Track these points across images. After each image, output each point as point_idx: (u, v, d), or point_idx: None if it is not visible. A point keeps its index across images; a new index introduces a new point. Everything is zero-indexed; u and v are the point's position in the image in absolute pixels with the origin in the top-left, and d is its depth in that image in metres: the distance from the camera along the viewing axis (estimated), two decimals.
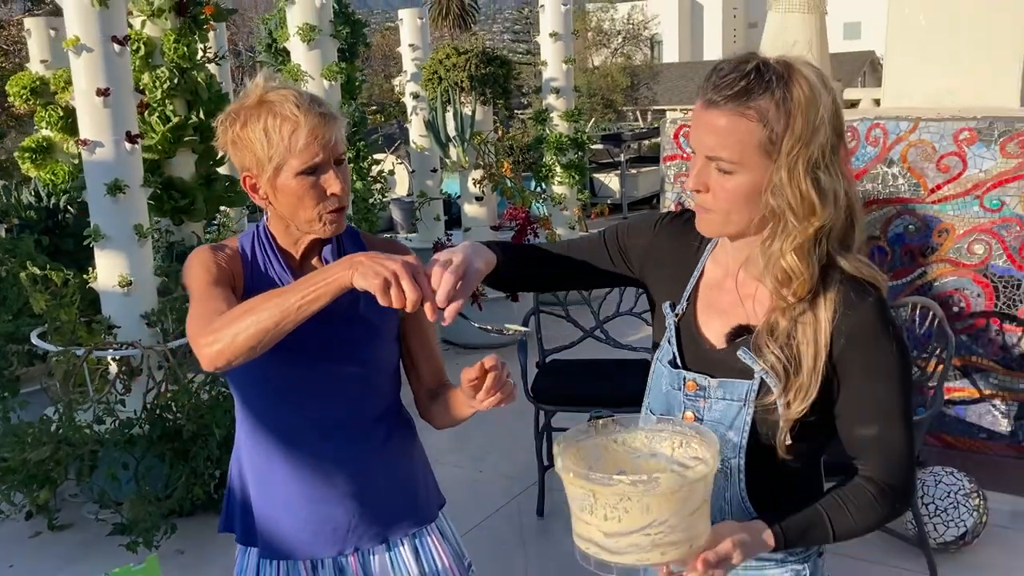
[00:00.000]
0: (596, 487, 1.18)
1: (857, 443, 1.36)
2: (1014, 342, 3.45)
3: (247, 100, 1.58)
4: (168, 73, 5.16)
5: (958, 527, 3.19)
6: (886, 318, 1.31)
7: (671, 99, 24.57)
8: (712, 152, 1.27)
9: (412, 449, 1.83)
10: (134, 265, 3.93)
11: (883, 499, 1.34)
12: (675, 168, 4.03)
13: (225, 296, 1.54)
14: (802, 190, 1.24)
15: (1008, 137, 3.32)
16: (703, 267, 1.44)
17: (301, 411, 1.67)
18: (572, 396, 3.76)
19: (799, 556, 1.43)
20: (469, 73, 5.54)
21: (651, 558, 1.20)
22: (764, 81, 1.23)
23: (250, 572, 1.78)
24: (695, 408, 1.40)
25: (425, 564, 1.79)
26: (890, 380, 1.32)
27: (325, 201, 1.58)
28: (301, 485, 1.70)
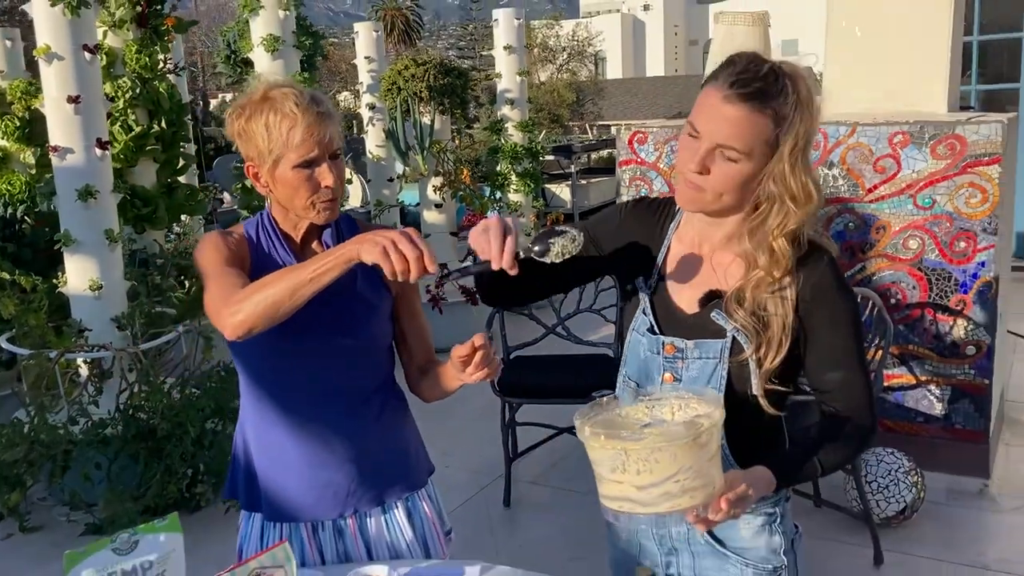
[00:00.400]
0: (628, 444, 1.30)
1: (826, 387, 1.53)
2: (947, 331, 3.70)
3: (253, 95, 1.72)
4: (130, 83, 5.22)
5: (899, 503, 3.42)
6: (839, 274, 1.50)
7: (615, 114, 24.98)
8: (725, 142, 1.40)
9: (405, 420, 1.97)
10: (104, 269, 4.00)
11: (855, 433, 1.52)
12: (630, 172, 4.23)
13: (238, 273, 1.67)
14: (803, 180, 1.42)
15: (937, 140, 3.57)
16: (669, 244, 1.60)
17: (304, 382, 1.80)
18: (536, 389, 3.91)
19: (771, 501, 1.58)
20: (428, 84, 5.70)
21: (682, 503, 1.32)
22: (779, 85, 1.39)
23: (254, 536, 1.90)
24: (673, 369, 1.53)
25: (416, 526, 1.93)
26: (848, 329, 1.50)
27: (319, 192, 1.72)
28: (304, 451, 1.82)
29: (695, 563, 1.62)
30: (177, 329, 4.24)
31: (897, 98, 3.99)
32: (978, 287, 3.60)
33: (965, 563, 3.27)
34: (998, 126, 3.47)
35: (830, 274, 1.49)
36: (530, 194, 7.22)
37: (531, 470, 4.21)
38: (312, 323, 1.76)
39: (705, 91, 1.44)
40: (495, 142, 7.12)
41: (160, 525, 1.56)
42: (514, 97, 7.16)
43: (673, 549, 1.64)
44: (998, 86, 7.94)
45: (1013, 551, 3.32)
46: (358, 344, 1.81)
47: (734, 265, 1.52)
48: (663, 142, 4.12)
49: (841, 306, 1.50)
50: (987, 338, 3.63)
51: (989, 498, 3.71)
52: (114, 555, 1.50)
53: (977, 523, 3.55)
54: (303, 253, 1.81)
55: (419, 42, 30.69)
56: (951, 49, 3.98)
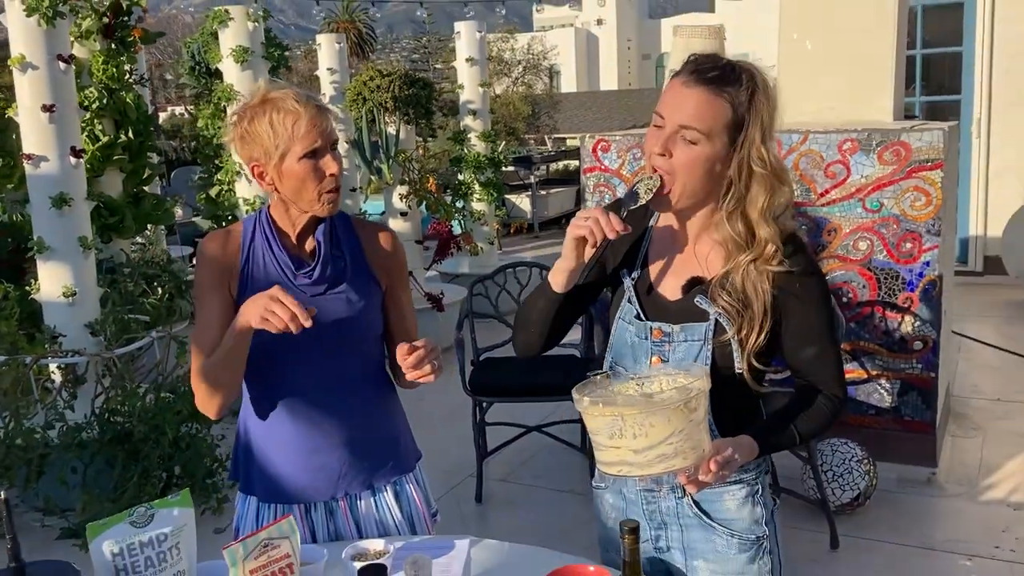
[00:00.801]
0: (624, 409, 1.41)
1: (802, 363, 1.64)
2: (895, 327, 3.90)
3: (252, 101, 1.85)
4: (97, 93, 5.26)
5: (853, 490, 3.60)
6: (810, 256, 1.63)
7: (570, 127, 25.19)
8: (685, 122, 1.51)
9: (394, 407, 2.09)
10: (78, 276, 4.05)
11: (828, 404, 1.63)
12: (595, 179, 4.39)
13: (213, 308, 1.87)
14: (778, 160, 1.57)
15: (884, 146, 3.78)
16: (650, 237, 1.71)
17: (300, 370, 1.91)
18: (505, 388, 4.04)
19: (752, 474, 1.68)
20: (393, 94, 5.81)
21: (675, 464, 1.41)
22: (736, 74, 1.53)
23: (250, 517, 2.00)
24: (661, 352, 1.63)
25: (404, 507, 2.04)
26: (820, 307, 1.63)
27: (324, 181, 1.84)
28: (298, 436, 1.93)
29: (683, 535, 1.70)
30: (151, 335, 4.30)
31: (846, 107, 4.20)
32: (924, 285, 3.80)
33: (915, 545, 3.46)
34: (940, 133, 3.69)
35: (802, 255, 1.60)
36: (493, 203, 7.36)
37: (500, 469, 4.33)
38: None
39: (669, 83, 1.59)
40: (458, 152, 7.26)
41: (173, 500, 1.66)
42: (476, 108, 7.31)
43: (663, 523, 1.72)
44: (940, 98, 8.28)
45: (958, 533, 3.52)
46: (351, 334, 1.91)
47: (713, 252, 1.62)
48: (626, 150, 4.29)
49: (813, 286, 1.61)
50: (933, 334, 3.84)
51: (936, 485, 3.91)
52: (132, 528, 1.59)
53: (925, 508, 3.75)
54: (298, 249, 1.92)
55: (372, 55, 30.71)
56: (896, 62, 4.21)
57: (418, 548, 1.88)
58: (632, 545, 1.39)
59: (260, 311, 1.66)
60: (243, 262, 1.91)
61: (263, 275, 1.90)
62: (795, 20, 4.33)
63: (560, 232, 12.56)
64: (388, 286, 2.01)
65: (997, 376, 5.33)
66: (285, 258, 1.90)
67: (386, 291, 2.01)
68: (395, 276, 2.02)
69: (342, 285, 1.92)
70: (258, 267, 1.91)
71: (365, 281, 1.96)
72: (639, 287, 1.69)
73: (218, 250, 1.91)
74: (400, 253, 2.04)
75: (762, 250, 1.56)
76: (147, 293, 4.67)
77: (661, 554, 1.73)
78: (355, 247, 1.96)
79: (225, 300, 1.88)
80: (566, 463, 4.36)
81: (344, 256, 1.93)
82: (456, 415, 5.00)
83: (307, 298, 1.88)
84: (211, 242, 1.94)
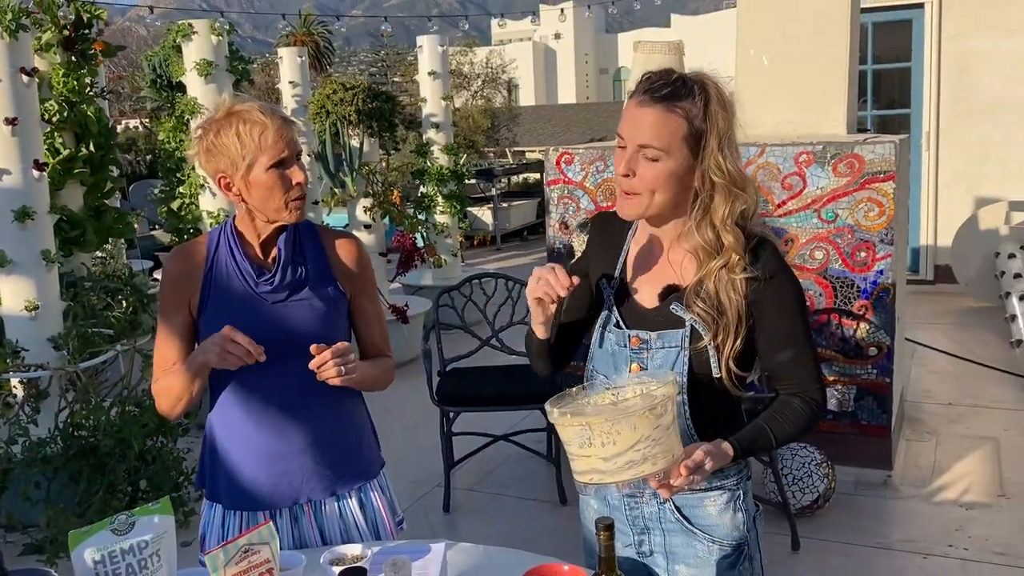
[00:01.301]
0: (591, 419, 1.44)
1: (778, 367, 1.66)
2: (851, 334, 4.02)
3: (216, 115, 1.90)
4: (57, 106, 5.22)
5: (812, 493, 3.70)
6: (782, 260, 1.65)
7: (530, 141, 25.34)
8: (644, 141, 1.56)
9: (359, 413, 2.12)
10: (41, 290, 4.02)
11: (806, 408, 1.64)
12: (558, 191, 4.46)
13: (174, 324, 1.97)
14: (735, 167, 1.59)
15: (839, 159, 3.90)
16: (628, 249, 1.75)
17: (264, 378, 1.93)
18: (472, 398, 4.08)
19: (734, 480, 1.70)
20: (356, 107, 5.84)
21: (644, 469, 1.44)
22: (687, 88, 1.57)
23: (216, 523, 2.02)
24: (639, 359, 1.65)
25: (368, 515, 2.07)
26: (794, 311, 1.64)
27: (291, 190, 1.89)
28: (262, 443, 1.97)
29: (666, 540, 1.72)
30: (115, 348, 4.27)
31: (802, 121, 4.32)
32: (877, 293, 3.92)
33: (873, 545, 3.56)
34: (891, 146, 3.82)
35: (775, 261, 1.62)
36: (456, 215, 7.41)
37: (467, 478, 4.37)
38: (274, 320, 1.92)
39: (626, 104, 1.64)
40: (421, 165, 7.30)
41: (154, 508, 1.69)
42: (439, 121, 7.36)
43: (645, 528, 1.74)
44: (891, 112, 8.51)
45: (914, 533, 3.63)
46: (314, 341, 1.90)
47: (687, 260, 1.66)
48: (589, 162, 4.37)
49: (787, 290, 1.63)
50: (887, 339, 3.96)
51: (892, 487, 4.03)
52: (113, 535, 1.62)
53: (882, 510, 3.85)
54: (261, 258, 1.96)
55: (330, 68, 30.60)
56: (849, 77, 4.34)
57: (394, 552, 1.92)
58: (607, 541, 1.43)
59: (218, 351, 1.79)
60: (207, 271, 1.95)
61: (225, 283, 1.94)
62: (752, 37, 4.45)
63: (522, 244, 12.66)
64: (353, 294, 2.04)
65: (949, 381, 5.49)
66: (247, 266, 1.94)
67: (351, 299, 2.04)
68: (359, 284, 2.05)
69: (304, 291, 1.95)
70: (221, 276, 1.95)
71: (328, 288, 1.99)
72: (619, 296, 1.72)
73: (180, 266, 1.97)
74: (365, 261, 2.08)
75: (728, 257, 1.60)
76: (110, 307, 4.64)
77: (644, 558, 1.75)
78: (318, 254, 2.00)
79: (184, 318, 1.95)
80: (532, 472, 4.41)
81: (306, 263, 1.97)
82: (421, 425, 5.04)
83: (268, 305, 1.93)
84: (172, 260, 1.99)
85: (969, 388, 5.34)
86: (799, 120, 4.33)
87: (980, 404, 5.07)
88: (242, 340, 1.77)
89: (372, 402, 2.15)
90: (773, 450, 1.68)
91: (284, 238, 1.94)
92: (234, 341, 1.77)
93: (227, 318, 1.90)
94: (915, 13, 7.92)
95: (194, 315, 1.95)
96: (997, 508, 3.82)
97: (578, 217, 4.43)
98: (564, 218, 4.46)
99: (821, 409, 1.67)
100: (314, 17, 29.02)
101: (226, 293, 1.94)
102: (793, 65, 4.35)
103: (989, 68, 7.70)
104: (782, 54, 4.38)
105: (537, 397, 3.92)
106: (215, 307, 1.93)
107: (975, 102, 7.78)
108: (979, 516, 3.75)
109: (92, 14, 5.32)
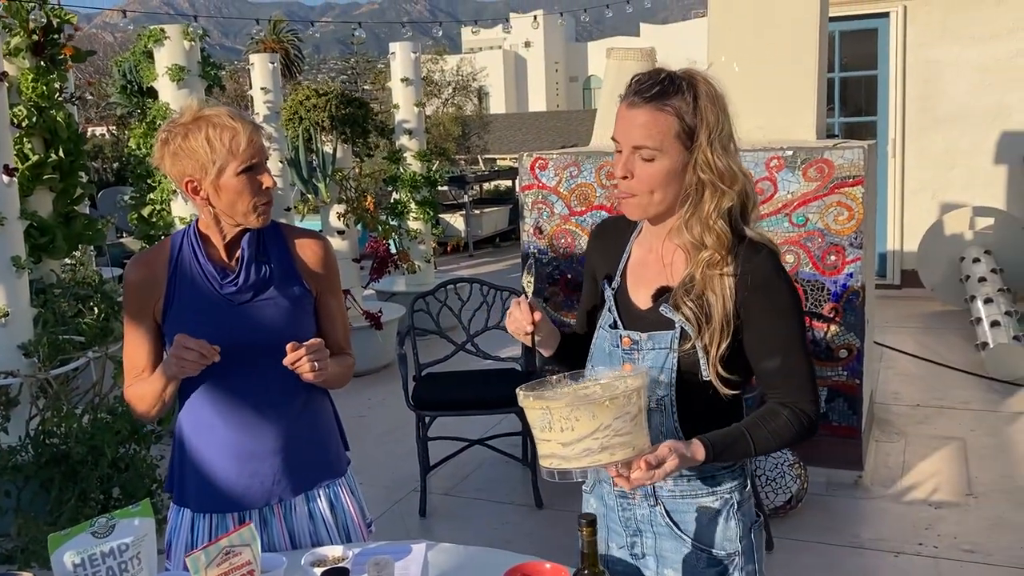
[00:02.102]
0: (550, 403, 1.45)
1: (766, 375, 1.62)
2: (822, 336, 4.08)
3: (182, 118, 1.89)
4: (26, 111, 5.17)
5: (785, 493, 3.74)
6: (778, 267, 1.60)
7: (500, 148, 25.43)
8: (638, 142, 1.57)
9: (327, 411, 2.12)
10: (11, 296, 3.96)
11: (795, 419, 1.59)
12: (532, 196, 4.48)
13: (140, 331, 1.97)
14: (724, 163, 1.57)
15: (808, 164, 3.96)
16: (630, 251, 1.75)
17: (231, 378, 1.93)
18: (448, 402, 4.09)
19: (728, 486, 1.67)
20: (330, 113, 5.83)
21: (601, 459, 1.43)
22: (676, 85, 1.57)
23: (184, 528, 2.01)
24: (631, 360, 1.65)
25: (339, 517, 2.08)
26: (786, 317, 1.60)
27: (260, 194, 1.90)
28: (231, 443, 1.96)
29: (656, 544, 1.70)
30: (86, 355, 4.23)
31: (773, 127, 4.38)
32: (847, 296, 3.98)
33: (844, 544, 3.61)
34: (860, 151, 3.88)
35: (767, 265, 1.59)
36: (429, 222, 7.41)
37: (443, 482, 4.37)
38: (240, 321, 1.93)
39: (618, 108, 1.65)
40: (394, 171, 7.30)
41: (134, 511, 1.69)
42: (412, 127, 7.36)
43: (637, 530, 1.72)
44: (857, 119, 8.64)
45: (885, 532, 3.69)
46: (281, 340, 1.90)
47: (677, 257, 1.65)
48: (563, 168, 4.40)
49: (779, 295, 1.59)
50: (857, 342, 4.02)
51: (863, 488, 4.09)
52: (93, 538, 1.62)
53: (853, 510, 3.91)
54: (224, 260, 1.96)
55: (299, 75, 30.53)
56: (819, 83, 4.41)
57: (375, 553, 1.92)
58: (589, 537, 1.44)
59: (175, 361, 1.82)
60: (170, 275, 1.95)
61: (189, 286, 1.94)
62: (722, 43, 4.51)
63: (494, 251, 12.68)
64: (318, 292, 2.05)
65: (916, 383, 5.58)
66: (210, 268, 1.94)
67: (316, 297, 2.05)
68: (324, 282, 2.06)
69: (269, 291, 1.96)
70: (184, 279, 1.95)
71: (293, 287, 1.99)
72: (618, 296, 1.73)
73: (141, 273, 1.96)
74: (330, 259, 2.08)
75: (710, 255, 1.58)
76: (81, 313, 4.59)
77: (636, 560, 1.74)
78: (283, 254, 2.01)
79: (150, 324, 1.96)
80: (508, 475, 4.42)
81: (270, 262, 1.97)
82: (396, 431, 5.04)
83: (234, 306, 1.93)
84: (133, 268, 1.99)
85: (936, 390, 5.43)
86: (769, 126, 4.37)
87: (947, 405, 5.16)
88: (193, 344, 1.80)
89: (346, 408, 2.16)
90: (752, 457, 1.65)
91: (248, 238, 1.95)
92: (186, 347, 1.79)
93: (192, 321, 1.91)
94: (880, 22, 8.05)
95: (158, 320, 1.95)
96: (965, 507, 3.89)
97: (552, 222, 4.45)
98: (538, 223, 4.48)
99: (812, 425, 1.61)
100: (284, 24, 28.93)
101: (190, 296, 1.94)
102: (763, 71, 4.40)
103: (954, 76, 7.85)
104: (752, 61, 4.43)
105: (512, 401, 3.93)
106: (179, 311, 1.93)
107: (940, 110, 7.92)
108: (948, 515, 3.82)
109: (63, 19, 5.27)
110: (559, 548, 2.06)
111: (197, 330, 1.83)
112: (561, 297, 4.48)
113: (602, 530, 1.78)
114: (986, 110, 7.80)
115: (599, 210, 4.35)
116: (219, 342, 1.86)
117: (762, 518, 1.75)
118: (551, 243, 4.48)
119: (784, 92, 4.39)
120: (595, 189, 4.37)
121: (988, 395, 5.31)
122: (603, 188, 4.34)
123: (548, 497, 4.06)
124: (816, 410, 1.62)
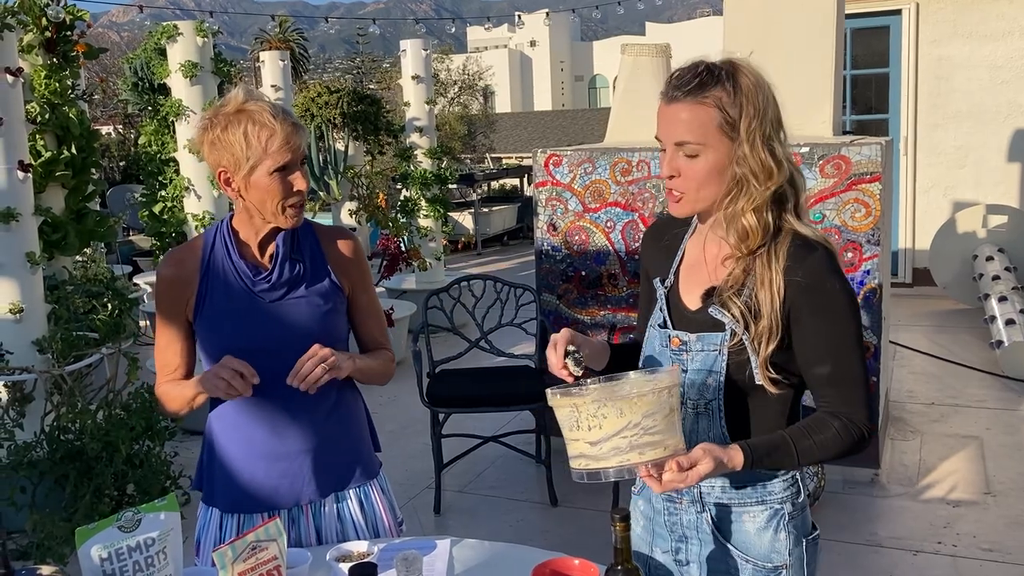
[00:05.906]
0: (576, 399, 1.41)
1: (816, 381, 1.54)
2: None
3: (226, 108, 1.86)
4: (39, 108, 5.17)
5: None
6: (832, 267, 1.52)
7: (506, 147, 25.41)
8: (680, 139, 1.52)
9: (359, 413, 2.10)
10: (25, 292, 3.96)
11: (845, 431, 1.50)
12: (546, 193, 4.47)
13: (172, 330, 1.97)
14: (762, 159, 1.51)
15: (825, 160, 3.94)
16: (683, 251, 1.70)
17: (262, 376, 1.87)
18: (462, 399, 4.07)
19: (780, 496, 1.58)
20: (342, 111, 5.83)
21: (631, 458, 1.39)
22: (715, 76, 1.51)
23: (212, 526, 2.00)
24: (680, 361, 1.59)
25: (368, 515, 2.05)
26: (838, 321, 1.51)
27: (291, 196, 1.87)
28: (262, 444, 1.95)
29: (702, 551, 1.63)
30: (101, 351, 4.22)
31: (789, 123, 4.34)
32: (865, 293, 3.96)
33: (862, 542, 3.59)
34: (877, 147, 3.86)
35: (820, 265, 1.52)
36: (439, 219, 7.40)
37: (457, 479, 4.36)
38: (272, 322, 1.91)
39: (658, 107, 1.59)
40: (404, 169, 7.29)
41: (160, 505, 1.67)
42: (423, 125, 7.35)
43: (683, 536, 1.66)
44: (869, 116, 8.60)
45: (903, 530, 3.66)
46: (314, 337, 1.90)
47: (721, 255, 1.60)
48: (577, 164, 4.38)
49: (832, 297, 1.51)
50: (874, 339, 3.99)
51: (879, 485, 4.07)
52: (120, 532, 1.60)
53: (870, 507, 3.89)
54: (257, 257, 1.94)
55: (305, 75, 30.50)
56: (835, 79, 4.39)
57: (400, 549, 1.91)
58: (623, 532, 1.42)
59: (212, 381, 1.80)
60: (202, 272, 1.93)
61: (221, 283, 1.92)
62: (739, 39, 4.48)
63: (503, 249, 12.67)
64: (351, 290, 2.02)
65: (931, 382, 5.55)
66: (243, 266, 1.92)
67: (349, 295, 2.03)
68: (356, 279, 2.03)
69: (301, 288, 1.94)
70: (216, 276, 1.93)
71: (326, 285, 1.97)
72: (670, 296, 1.67)
73: (173, 270, 1.95)
74: (361, 256, 2.06)
75: (746, 241, 1.53)
76: (94, 310, 4.59)
77: (680, 567, 1.68)
78: (316, 252, 1.98)
79: (182, 321, 1.94)
80: (522, 473, 4.41)
81: (304, 260, 1.95)
82: (408, 428, 5.03)
83: (266, 304, 1.91)
84: (165, 265, 1.97)
85: (951, 388, 5.40)
86: (787, 122, 4.34)
87: (962, 404, 5.13)
88: (238, 365, 1.80)
89: (369, 395, 2.14)
90: (796, 468, 1.57)
91: (283, 236, 1.92)
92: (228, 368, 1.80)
93: (224, 318, 1.89)
94: (892, 19, 8.02)
95: (190, 318, 1.94)
96: (984, 506, 3.86)
97: (566, 218, 4.43)
98: (552, 220, 4.47)
99: (863, 438, 1.52)
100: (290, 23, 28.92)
101: (223, 293, 1.92)
102: (780, 68, 4.36)
103: (966, 74, 7.82)
104: (768, 57, 4.38)
105: (526, 398, 3.93)
106: (212, 308, 1.92)
107: (952, 108, 7.89)
108: (966, 513, 3.79)
109: (75, 15, 5.27)
110: (575, 546, 2.03)
111: (228, 327, 1.82)
112: (575, 294, 4.47)
113: (648, 534, 1.73)
114: (998, 108, 7.76)
115: (613, 207, 4.33)
116: (250, 340, 1.86)
117: (818, 531, 1.65)
118: (565, 240, 4.46)
119: (801, 88, 4.36)
120: (609, 185, 4.35)
121: (1004, 393, 5.28)
122: (617, 184, 4.32)
123: (563, 495, 4.04)
124: (868, 422, 1.52)
